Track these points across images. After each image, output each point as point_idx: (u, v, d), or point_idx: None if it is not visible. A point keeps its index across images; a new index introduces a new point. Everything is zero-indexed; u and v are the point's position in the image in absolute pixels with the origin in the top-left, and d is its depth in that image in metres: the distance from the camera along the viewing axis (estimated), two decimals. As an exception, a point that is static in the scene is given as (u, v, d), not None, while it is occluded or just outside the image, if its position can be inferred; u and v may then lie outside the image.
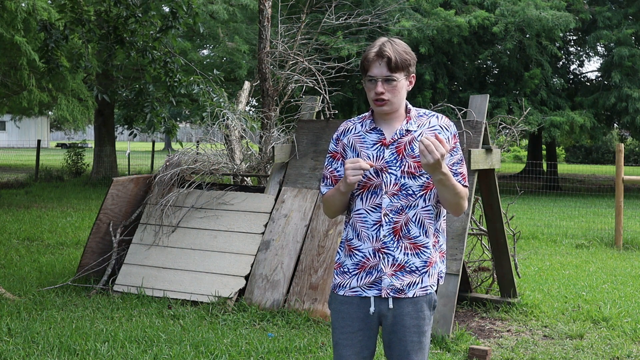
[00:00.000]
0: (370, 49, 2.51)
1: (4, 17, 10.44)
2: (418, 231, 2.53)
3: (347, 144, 2.62)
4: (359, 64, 2.58)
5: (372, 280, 2.55)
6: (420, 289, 2.56)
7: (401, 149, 2.53)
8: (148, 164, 23.27)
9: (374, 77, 2.50)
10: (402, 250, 2.53)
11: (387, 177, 2.53)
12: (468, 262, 6.66)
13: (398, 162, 2.52)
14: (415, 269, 2.55)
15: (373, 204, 2.53)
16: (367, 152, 2.56)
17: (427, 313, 2.60)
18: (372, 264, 2.55)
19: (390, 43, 2.50)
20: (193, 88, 7.13)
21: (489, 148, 5.48)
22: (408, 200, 2.52)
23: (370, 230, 2.54)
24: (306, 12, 7.96)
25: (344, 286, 2.60)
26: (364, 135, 2.59)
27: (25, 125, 44.65)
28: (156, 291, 5.98)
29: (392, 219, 2.52)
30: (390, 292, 2.54)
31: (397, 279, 2.53)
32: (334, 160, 2.66)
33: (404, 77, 2.53)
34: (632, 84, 17.93)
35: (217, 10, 16.33)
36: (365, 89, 2.56)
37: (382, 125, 2.59)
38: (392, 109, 2.54)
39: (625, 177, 9.64)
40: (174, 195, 6.36)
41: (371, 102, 2.54)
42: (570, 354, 4.83)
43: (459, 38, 17.05)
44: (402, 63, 2.49)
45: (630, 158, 37.48)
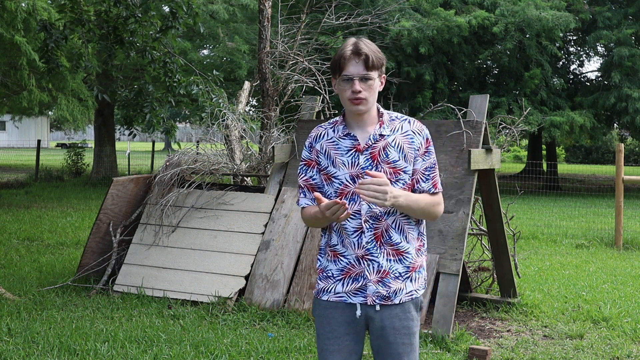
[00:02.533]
0: (345, 48, 2.46)
1: (4, 17, 10.44)
2: (399, 237, 2.51)
3: (321, 150, 2.56)
4: (331, 65, 2.52)
5: (358, 286, 2.51)
6: (406, 294, 2.54)
7: (375, 154, 2.50)
8: (148, 164, 23.27)
9: (350, 75, 2.44)
10: (385, 257, 2.50)
11: None
12: (468, 262, 6.66)
13: (373, 169, 2.49)
14: (399, 275, 2.52)
15: (352, 210, 2.49)
16: (341, 159, 2.51)
17: (414, 314, 2.58)
18: (357, 270, 2.51)
19: (363, 42, 2.47)
20: (192, 88, 7.14)
21: (489, 148, 5.48)
22: (386, 206, 2.47)
23: (352, 237, 2.51)
24: (306, 12, 7.97)
25: (328, 291, 2.56)
26: (337, 142, 2.54)
27: (25, 125, 44.64)
28: (156, 291, 5.98)
29: (373, 225, 2.49)
30: (376, 300, 2.51)
31: (383, 286, 2.50)
32: (308, 168, 2.61)
33: (378, 76, 2.50)
34: (632, 84, 17.93)
35: (217, 10, 16.33)
36: (337, 89, 2.51)
37: (355, 130, 2.54)
38: (367, 107, 2.49)
39: (625, 177, 9.64)
40: (174, 195, 6.36)
41: (346, 102, 2.49)
42: (570, 354, 4.83)
43: (459, 38, 17.05)
44: (377, 62, 2.46)
45: (630, 158, 37.48)
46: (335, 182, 2.53)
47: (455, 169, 5.43)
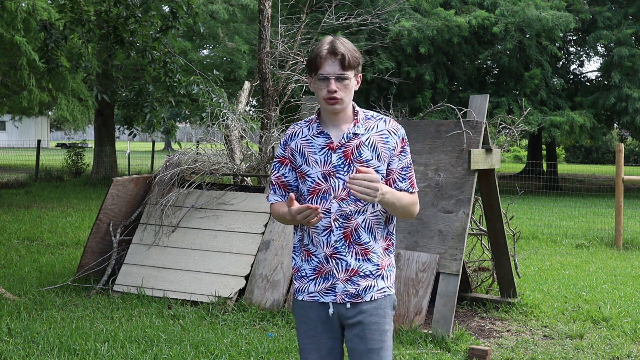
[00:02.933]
0: (321, 47, 2.45)
1: (4, 17, 10.44)
2: (368, 237, 2.51)
3: (295, 148, 2.57)
4: (307, 63, 2.51)
5: (328, 285, 2.53)
6: (377, 291, 2.54)
7: (348, 153, 2.49)
8: (148, 164, 23.27)
9: (326, 75, 2.43)
10: (354, 256, 2.51)
11: (335, 181, 2.49)
12: (468, 262, 6.66)
13: (346, 167, 2.49)
14: (370, 273, 2.52)
15: (323, 209, 2.49)
16: (314, 157, 2.52)
17: (387, 311, 2.56)
18: (326, 269, 2.52)
19: (340, 41, 2.45)
20: (193, 88, 7.13)
21: (489, 148, 5.48)
22: (357, 205, 2.49)
23: (321, 235, 2.51)
24: (306, 12, 7.97)
25: (303, 290, 2.58)
26: (311, 140, 2.54)
27: (25, 125, 44.64)
28: (156, 291, 5.98)
29: (342, 224, 2.49)
30: (345, 298, 2.51)
31: (351, 284, 2.51)
32: (281, 166, 2.61)
33: (354, 76, 2.48)
34: (632, 84, 17.93)
35: (217, 10, 16.33)
36: (313, 88, 2.50)
37: (330, 129, 2.54)
38: (343, 107, 2.48)
39: (625, 177, 9.64)
40: (174, 195, 6.36)
41: (321, 102, 2.48)
42: (570, 354, 4.83)
43: (459, 38, 17.05)
44: (353, 61, 2.45)
45: (630, 158, 37.49)
46: (308, 181, 2.52)
47: (455, 169, 5.43)
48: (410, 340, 4.89)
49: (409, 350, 4.70)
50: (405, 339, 4.91)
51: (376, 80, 17.30)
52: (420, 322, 5.08)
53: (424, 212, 5.40)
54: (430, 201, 5.41)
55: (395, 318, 5.16)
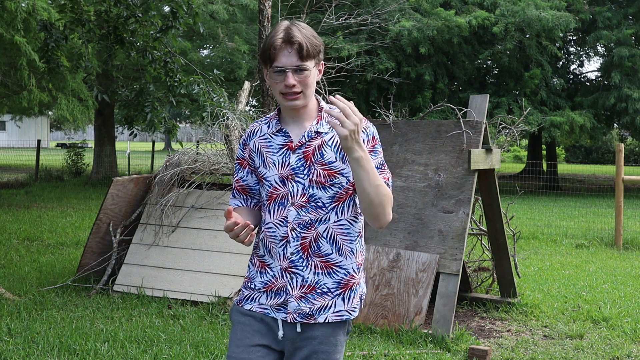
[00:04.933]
0: (275, 35, 2.14)
1: (4, 17, 10.43)
2: (330, 248, 2.21)
3: (253, 148, 2.28)
4: (261, 54, 2.20)
5: (280, 302, 2.23)
6: (333, 313, 2.22)
7: (309, 154, 2.19)
8: (148, 164, 23.28)
9: (282, 67, 2.13)
10: (312, 270, 2.21)
11: (293, 186, 2.19)
12: (468, 262, 6.66)
13: (305, 170, 2.19)
14: (328, 290, 2.22)
15: (281, 216, 2.21)
16: (272, 159, 2.23)
17: (340, 339, 2.26)
18: (279, 284, 2.23)
19: (297, 27, 2.15)
20: (193, 88, 7.13)
21: (489, 148, 5.48)
22: (318, 213, 2.19)
23: (278, 246, 2.22)
24: (306, 12, 7.97)
25: (252, 300, 2.29)
26: (269, 138, 2.25)
27: (25, 125, 44.66)
28: (156, 291, 5.98)
29: (300, 234, 2.19)
30: (297, 317, 2.21)
31: (306, 302, 2.21)
32: (240, 168, 2.33)
33: (314, 66, 2.18)
34: (632, 84, 17.93)
35: (217, 10, 16.33)
36: (269, 82, 2.20)
37: (290, 126, 2.24)
38: (303, 102, 2.19)
39: (625, 177, 9.65)
40: (174, 195, 6.37)
41: (279, 97, 2.19)
42: (570, 354, 4.83)
43: (459, 38, 17.06)
44: (312, 50, 2.15)
45: (630, 158, 37.50)
46: (265, 185, 2.24)
47: (455, 169, 5.43)
48: (410, 340, 4.89)
49: (409, 350, 4.70)
50: (405, 339, 4.91)
51: (376, 80, 17.31)
52: (420, 322, 5.08)
53: (424, 212, 5.40)
54: (430, 201, 5.42)
55: (395, 318, 5.16)
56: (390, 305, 5.22)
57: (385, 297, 5.26)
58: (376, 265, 5.38)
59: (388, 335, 5.01)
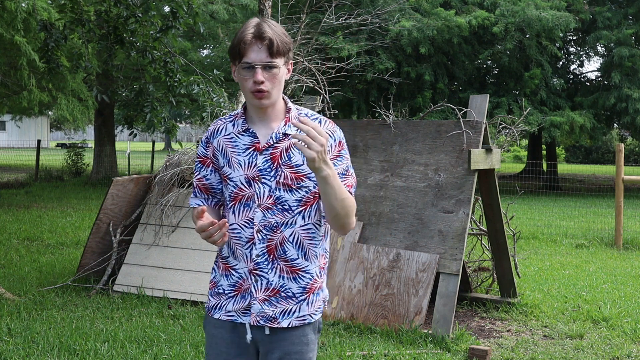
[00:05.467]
0: (245, 30, 2.11)
1: (4, 17, 10.43)
2: (296, 253, 2.20)
3: (218, 147, 2.24)
4: (230, 49, 2.18)
5: (245, 305, 2.22)
6: (297, 318, 2.22)
7: (277, 156, 2.17)
8: (148, 164, 23.28)
9: (252, 63, 2.10)
10: (278, 273, 2.20)
11: (259, 187, 2.17)
12: (468, 262, 6.66)
13: (272, 172, 2.17)
14: (292, 295, 2.21)
15: (246, 218, 2.19)
16: (238, 159, 2.20)
17: (310, 337, 2.27)
18: (245, 286, 2.22)
19: (267, 24, 2.13)
20: (193, 88, 7.13)
21: (489, 148, 5.48)
22: (284, 216, 2.18)
23: (244, 248, 2.20)
24: (306, 12, 7.97)
25: (219, 308, 2.27)
26: (235, 138, 2.21)
27: (25, 125, 44.65)
28: (156, 291, 5.98)
29: (266, 236, 2.18)
30: (260, 320, 2.20)
31: (269, 305, 2.20)
32: (202, 167, 2.29)
33: (284, 64, 2.16)
34: (632, 84, 17.94)
35: (217, 10, 16.34)
36: (237, 78, 2.17)
37: (257, 126, 2.21)
38: (271, 101, 2.16)
39: (625, 177, 9.65)
40: (174, 195, 6.37)
41: (247, 95, 2.15)
42: (570, 354, 4.83)
43: (459, 38, 17.06)
44: (283, 47, 2.12)
45: (630, 158, 37.50)
46: (230, 185, 2.22)
47: (455, 169, 5.43)
48: (410, 340, 4.89)
49: (409, 350, 4.70)
50: (405, 339, 4.91)
51: (376, 80, 17.31)
52: (420, 322, 5.08)
53: (424, 212, 5.40)
54: (430, 201, 5.42)
55: (395, 318, 5.16)
56: (390, 305, 5.22)
57: (385, 297, 5.26)
58: (376, 265, 5.38)
59: (388, 335, 5.01)
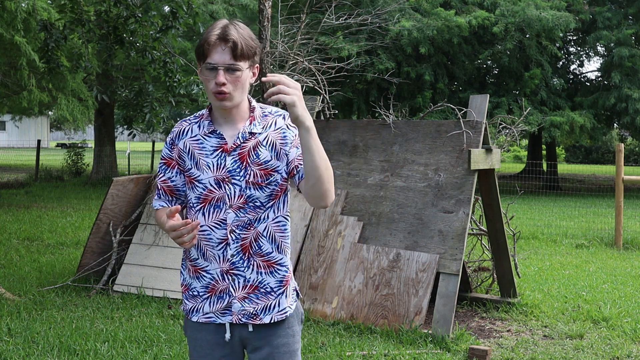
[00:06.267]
0: (211, 31, 2.13)
1: (4, 17, 10.43)
2: (270, 247, 2.23)
3: (184, 149, 2.23)
4: (196, 49, 2.18)
5: (224, 305, 2.23)
6: (278, 312, 2.25)
7: (245, 155, 2.19)
8: (148, 164, 23.27)
9: (214, 64, 2.11)
10: (254, 269, 2.22)
11: (230, 188, 2.18)
12: (468, 262, 6.66)
13: (242, 172, 2.18)
14: (271, 290, 2.24)
15: (217, 219, 2.19)
16: (206, 161, 2.19)
17: (295, 329, 2.30)
18: (221, 287, 2.22)
19: (234, 26, 2.14)
20: (192, 88, 7.13)
21: (489, 148, 5.48)
22: (256, 212, 2.20)
23: (216, 249, 2.20)
24: (306, 12, 7.97)
25: (197, 311, 2.27)
26: (201, 140, 2.22)
27: (25, 125, 44.68)
28: (156, 291, 5.98)
29: (240, 235, 2.19)
30: (242, 318, 2.22)
31: (249, 302, 2.22)
32: (167, 168, 2.28)
33: (248, 67, 2.16)
34: (632, 85, 17.94)
35: (217, 10, 16.34)
36: (201, 78, 2.18)
37: (223, 127, 2.22)
38: (233, 103, 2.16)
39: (625, 177, 9.65)
40: (174, 195, 6.36)
41: (210, 95, 2.16)
42: (570, 354, 4.83)
43: (459, 38, 17.06)
44: (247, 50, 2.13)
45: (630, 158, 37.51)
46: (198, 187, 2.21)
47: (455, 169, 5.43)
48: (410, 340, 4.89)
49: (409, 350, 4.70)
50: (405, 339, 4.91)
51: (376, 80, 17.32)
52: (420, 322, 5.08)
53: (424, 212, 5.40)
54: (430, 201, 5.42)
55: (395, 318, 5.16)
56: (390, 305, 5.22)
57: (385, 297, 5.26)
58: (376, 265, 5.38)
59: (388, 335, 5.01)
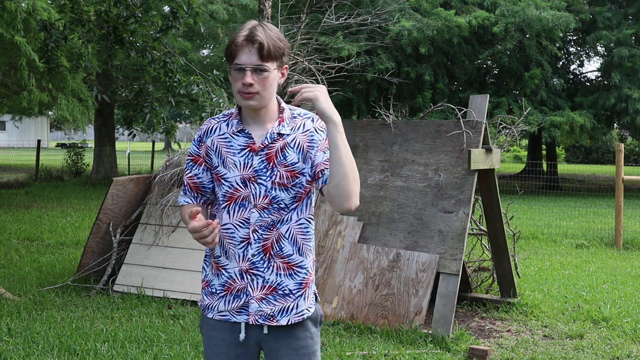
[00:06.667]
0: (239, 33, 2.15)
1: (4, 17, 10.43)
2: (291, 249, 2.22)
3: (211, 147, 2.25)
4: (225, 50, 2.21)
5: (240, 304, 2.23)
6: (295, 315, 2.23)
7: (272, 156, 2.19)
8: (148, 164, 23.27)
9: (242, 65, 2.14)
10: (274, 271, 2.21)
11: (255, 188, 2.19)
12: (468, 262, 6.66)
13: (268, 172, 2.19)
14: (289, 292, 2.23)
15: (241, 218, 2.20)
16: (233, 159, 2.21)
17: (314, 330, 2.29)
18: (239, 286, 2.22)
19: (263, 27, 2.15)
20: (192, 88, 7.13)
21: (489, 148, 5.48)
22: (280, 214, 2.20)
23: (237, 247, 2.21)
24: (306, 12, 7.97)
25: (212, 308, 2.27)
26: (229, 138, 2.23)
27: (25, 125, 44.66)
28: (156, 291, 5.98)
29: (262, 235, 2.20)
30: (259, 319, 2.21)
31: (267, 303, 2.21)
32: (194, 165, 2.30)
33: (276, 68, 2.18)
34: (632, 85, 17.94)
35: (217, 10, 16.34)
36: (230, 79, 2.20)
37: (251, 127, 2.23)
38: (260, 104, 2.18)
39: (625, 177, 9.65)
40: (174, 195, 6.36)
41: (236, 95, 2.18)
42: (570, 354, 4.83)
43: (459, 38, 17.05)
44: (275, 51, 2.15)
45: (630, 158, 37.50)
46: (224, 185, 2.22)
47: (455, 169, 5.43)
48: (410, 340, 4.89)
49: (409, 350, 4.70)
50: (405, 339, 4.91)
51: (376, 80, 17.31)
52: (420, 322, 5.08)
53: (424, 212, 5.40)
54: (430, 201, 5.42)
55: (395, 318, 5.16)
56: (390, 305, 5.22)
57: (385, 297, 5.26)
58: (376, 265, 5.38)
59: (388, 335, 5.01)
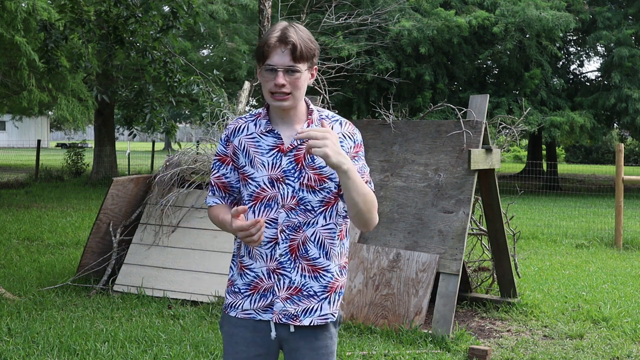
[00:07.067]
0: (271, 34, 2.14)
1: (4, 17, 10.43)
2: (317, 252, 2.23)
3: (239, 146, 2.25)
4: (256, 50, 2.20)
5: (267, 303, 2.24)
6: (319, 317, 2.25)
7: (300, 157, 2.19)
8: (148, 164, 23.27)
9: (274, 66, 2.12)
10: (299, 272, 2.22)
11: (283, 188, 2.19)
12: (468, 262, 6.66)
13: (297, 173, 2.19)
14: (314, 293, 2.24)
15: (268, 218, 2.21)
16: (261, 159, 2.21)
17: (333, 332, 2.32)
18: (266, 285, 2.24)
19: (294, 28, 2.15)
20: (193, 88, 7.13)
21: (489, 148, 5.48)
22: (307, 216, 2.21)
23: (264, 248, 2.22)
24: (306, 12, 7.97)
25: (236, 307, 2.29)
26: (258, 138, 2.23)
27: (25, 125, 44.66)
28: (156, 291, 5.98)
29: (289, 235, 2.21)
30: (282, 318, 2.23)
31: (291, 303, 2.23)
32: (222, 165, 2.30)
33: (307, 69, 2.17)
34: (632, 85, 17.94)
35: (217, 10, 16.33)
36: (260, 79, 2.19)
37: (280, 127, 2.22)
38: (291, 104, 2.18)
39: (625, 177, 9.65)
40: (174, 195, 6.37)
41: (267, 96, 2.17)
42: (570, 354, 4.83)
43: (459, 38, 17.06)
44: (307, 52, 2.14)
45: (630, 158, 37.50)
46: (251, 185, 2.22)
47: (455, 169, 5.43)
48: (410, 340, 4.89)
49: (409, 350, 4.70)
50: (405, 339, 4.91)
51: (376, 80, 17.32)
52: (420, 322, 5.08)
53: (424, 212, 5.40)
54: (430, 201, 5.42)
55: (395, 318, 5.16)
56: (390, 305, 5.22)
57: (385, 297, 5.26)
58: (376, 265, 5.38)
59: (388, 335, 5.01)
